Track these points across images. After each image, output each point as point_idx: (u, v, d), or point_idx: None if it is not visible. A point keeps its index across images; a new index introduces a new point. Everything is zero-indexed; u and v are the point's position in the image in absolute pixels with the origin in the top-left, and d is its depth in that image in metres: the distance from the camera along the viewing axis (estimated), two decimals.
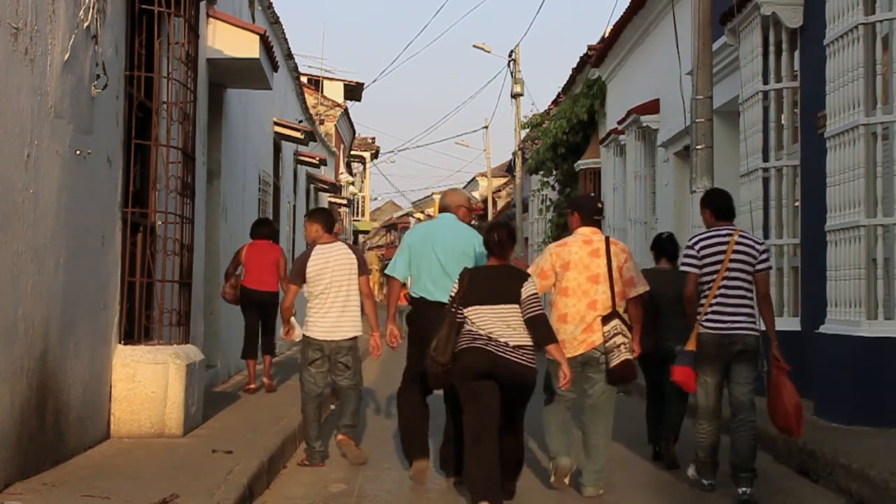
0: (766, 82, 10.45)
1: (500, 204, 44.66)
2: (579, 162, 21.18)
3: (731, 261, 6.23)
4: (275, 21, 15.08)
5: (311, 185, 23.28)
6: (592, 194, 11.01)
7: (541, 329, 5.76)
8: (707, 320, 6.23)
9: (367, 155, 43.14)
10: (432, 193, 69.37)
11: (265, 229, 10.79)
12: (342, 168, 33.31)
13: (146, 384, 6.93)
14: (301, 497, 6.07)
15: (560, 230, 23.02)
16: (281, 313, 7.75)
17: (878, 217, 7.96)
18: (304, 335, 7.36)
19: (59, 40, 5.64)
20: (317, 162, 20.00)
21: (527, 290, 5.77)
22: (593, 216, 6.51)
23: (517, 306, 5.72)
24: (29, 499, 4.88)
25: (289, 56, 17.50)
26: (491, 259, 6.00)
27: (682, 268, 6.54)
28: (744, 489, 6.03)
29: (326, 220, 7.59)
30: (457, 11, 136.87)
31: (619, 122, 17.64)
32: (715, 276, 6.23)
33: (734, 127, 11.71)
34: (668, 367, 6.57)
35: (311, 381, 7.26)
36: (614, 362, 6.21)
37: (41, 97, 5.41)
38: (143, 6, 7.26)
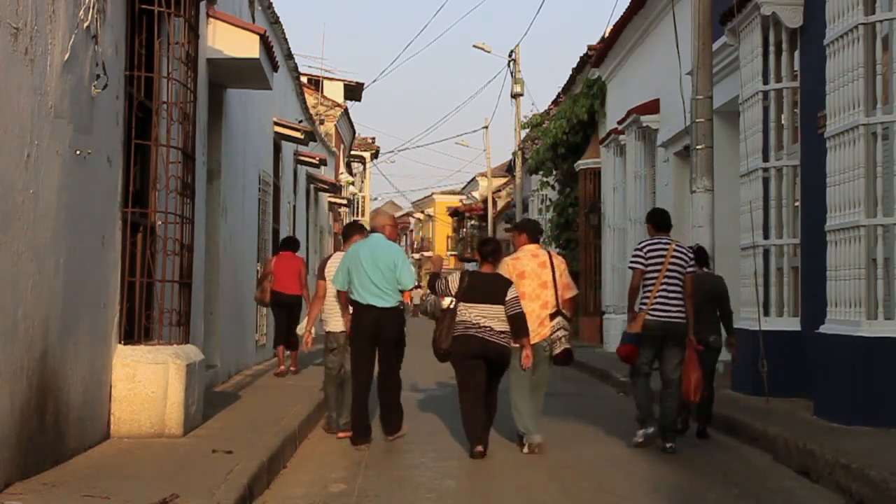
0: (766, 82, 10.45)
1: (500, 204, 44.67)
2: (579, 162, 21.18)
3: (670, 264, 7.95)
4: (275, 21, 15.07)
5: (311, 185, 23.28)
6: (532, 218, 12.57)
7: (519, 324, 7.65)
8: (653, 309, 7.90)
9: (367, 155, 43.13)
10: (432, 193, 69.42)
11: (291, 244, 13.37)
12: (342, 168, 33.30)
13: (146, 384, 6.92)
14: (301, 497, 6.06)
15: (560, 230, 23.06)
16: (310, 307, 9.19)
17: (878, 217, 7.95)
18: (325, 330, 8.78)
19: (59, 40, 5.64)
20: (317, 162, 19.99)
21: (510, 293, 7.68)
22: (536, 235, 8.38)
23: (501, 305, 7.61)
24: (29, 499, 4.88)
25: (289, 56, 17.50)
26: (485, 266, 7.93)
27: (631, 265, 8.14)
28: (670, 444, 7.80)
29: (345, 232, 9.33)
30: (457, 11, 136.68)
31: (619, 122, 17.65)
32: (657, 275, 7.92)
33: (734, 127, 11.71)
34: (705, 354, 8.29)
35: (330, 364, 8.75)
36: (557, 351, 7.97)
37: (41, 97, 5.40)
38: (143, 6, 7.25)
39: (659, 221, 8.35)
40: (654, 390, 8.14)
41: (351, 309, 8.27)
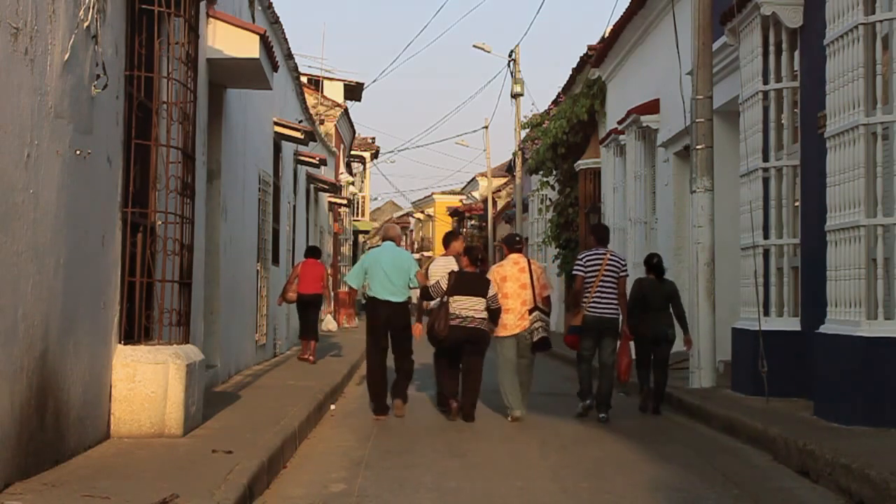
0: (766, 82, 10.45)
1: (500, 204, 44.65)
2: (579, 162, 21.18)
3: (605, 271, 9.83)
4: (275, 21, 15.07)
5: (311, 185, 23.28)
6: (516, 234, 14.43)
7: (495, 318, 9.76)
8: (591, 307, 9.84)
9: (367, 155, 43.13)
10: (432, 193, 69.37)
11: (314, 252, 16.08)
12: (342, 168, 33.29)
13: (146, 384, 6.92)
14: (301, 497, 6.07)
15: (560, 230, 23.08)
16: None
17: (878, 217, 7.95)
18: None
19: (59, 40, 5.64)
20: (317, 162, 19.98)
21: (491, 291, 9.72)
22: (514, 247, 10.27)
23: (482, 298, 9.66)
24: (29, 499, 4.88)
25: (289, 56, 17.49)
26: (470, 267, 9.87)
27: (574, 272, 10.10)
28: (603, 415, 9.77)
29: (445, 239, 11.42)
30: (457, 11, 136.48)
31: (619, 122, 17.64)
32: (594, 280, 9.83)
33: (734, 127, 11.71)
34: (660, 346, 10.44)
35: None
36: (535, 338, 9.84)
37: (41, 97, 5.40)
38: (143, 6, 7.25)
39: (599, 236, 10.31)
40: (594, 368, 10.12)
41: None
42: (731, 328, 10.85)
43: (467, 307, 9.62)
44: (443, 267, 10.51)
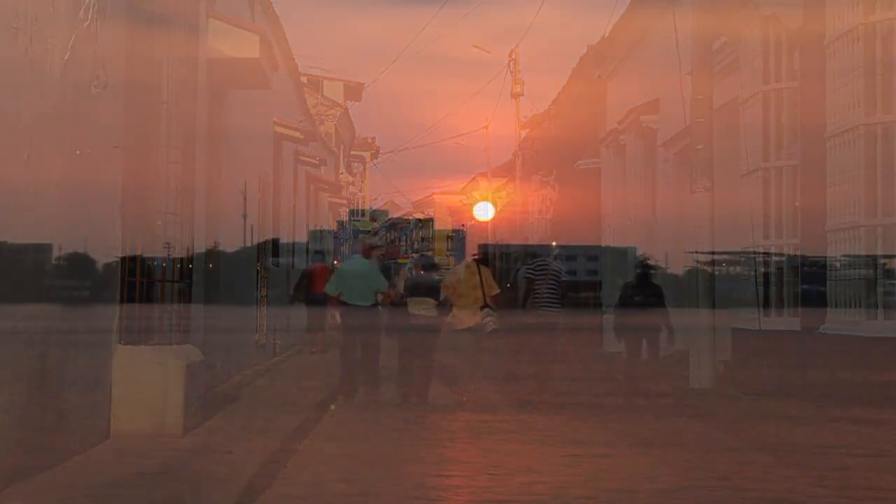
0: (766, 82, 10.44)
1: (501, 204, 44.63)
2: (579, 162, 21.18)
3: (550, 276, 11.52)
4: (275, 21, 15.07)
5: (312, 186, 23.26)
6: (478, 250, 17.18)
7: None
8: (541, 306, 11.32)
9: (367, 155, 43.07)
10: (432, 193, 69.32)
11: (319, 257, 19.11)
12: (342, 168, 33.27)
13: (146, 384, 6.92)
14: (301, 497, 6.06)
15: (558, 230, 23.09)
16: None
17: (878, 217, 7.96)
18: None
19: (59, 40, 5.64)
20: (317, 162, 19.98)
21: (441, 295, 11.26)
22: (471, 254, 10.24)
23: (432, 298, 11.12)
24: (29, 499, 4.88)
25: (289, 56, 17.49)
26: (419, 271, 11.70)
27: (526, 276, 11.82)
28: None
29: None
30: (457, 11, 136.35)
31: (619, 122, 17.64)
32: (541, 283, 11.47)
33: (734, 127, 11.71)
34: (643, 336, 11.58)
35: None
36: (488, 330, 11.28)
37: (41, 97, 5.40)
38: (144, 6, 7.25)
39: (541, 252, 12.86)
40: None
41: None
42: (731, 328, 10.86)
43: (419, 304, 11.14)
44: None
